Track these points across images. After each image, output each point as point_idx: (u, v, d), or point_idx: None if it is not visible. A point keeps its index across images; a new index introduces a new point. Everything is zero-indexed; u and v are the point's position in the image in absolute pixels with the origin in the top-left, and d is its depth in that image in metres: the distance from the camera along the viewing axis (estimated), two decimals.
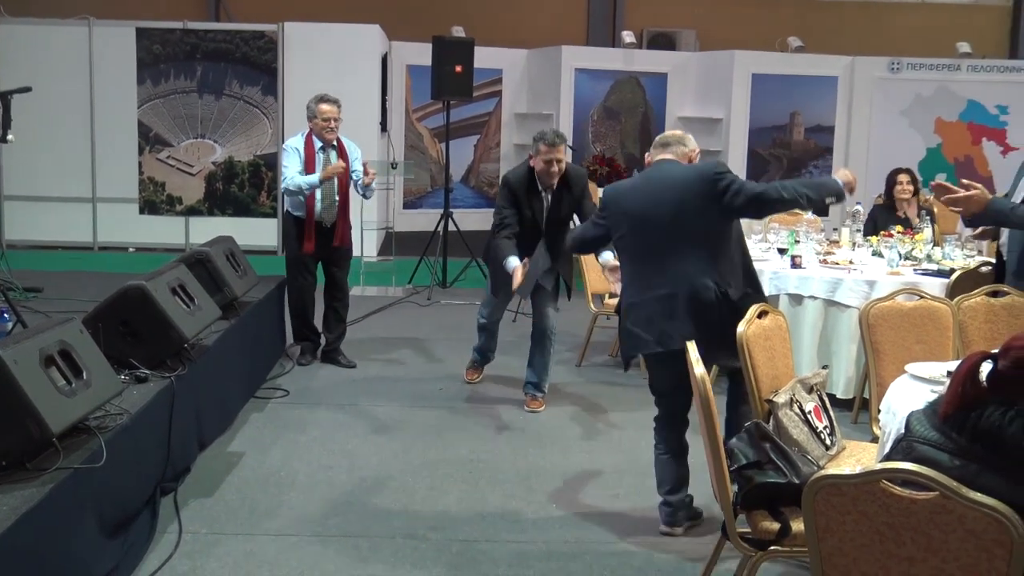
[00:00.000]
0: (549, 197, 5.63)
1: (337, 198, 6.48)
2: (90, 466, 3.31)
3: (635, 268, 4.20)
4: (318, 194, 6.41)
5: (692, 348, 3.26)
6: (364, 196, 6.68)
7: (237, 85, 10.96)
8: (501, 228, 5.52)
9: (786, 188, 4.06)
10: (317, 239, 6.47)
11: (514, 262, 5.33)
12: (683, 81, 12.88)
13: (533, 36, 13.58)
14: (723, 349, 3.74)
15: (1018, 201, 4.47)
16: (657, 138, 4.37)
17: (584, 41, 14.71)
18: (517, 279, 5.25)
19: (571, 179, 5.64)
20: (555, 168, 5.46)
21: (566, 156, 5.61)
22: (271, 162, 10.72)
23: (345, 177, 6.49)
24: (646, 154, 4.33)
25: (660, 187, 4.11)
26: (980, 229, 4.93)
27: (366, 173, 6.44)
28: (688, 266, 4.02)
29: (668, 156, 4.24)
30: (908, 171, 7.91)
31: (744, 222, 4.47)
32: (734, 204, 3.99)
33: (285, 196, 6.58)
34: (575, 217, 5.78)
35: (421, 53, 10.70)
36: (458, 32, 11.73)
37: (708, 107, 12.70)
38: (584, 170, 6.05)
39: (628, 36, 13.27)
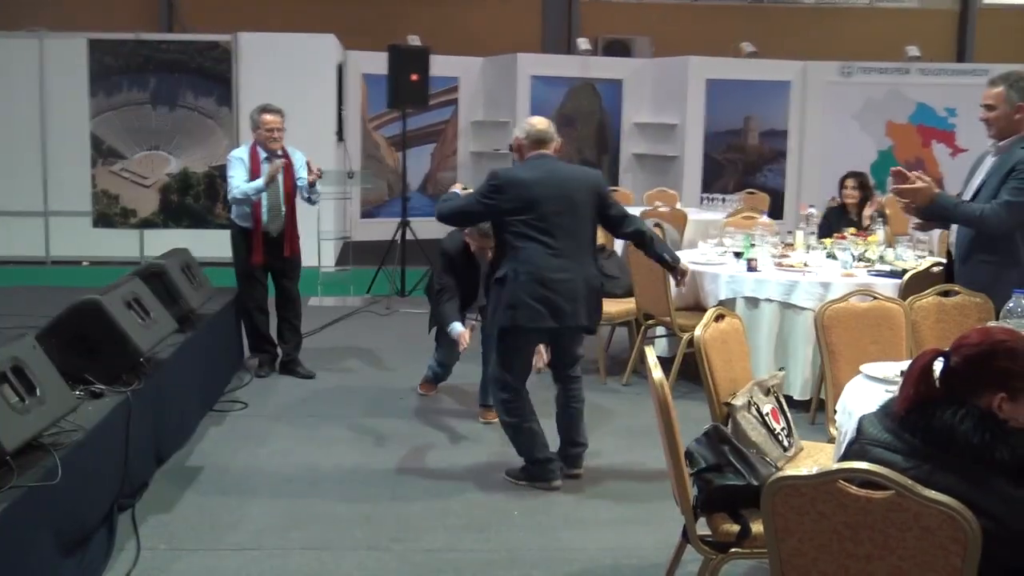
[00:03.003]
0: (486, 264, 5.82)
1: (284, 208, 6.45)
2: (45, 484, 3.26)
3: (536, 247, 4.54)
4: (264, 205, 6.37)
5: (651, 354, 3.28)
6: (310, 201, 6.61)
7: (191, 96, 10.88)
8: (442, 292, 5.74)
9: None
10: (265, 250, 6.44)
11: (458, 328, 5.51)
12: (639, 87, 12.96)
13: (488, 44, 13.60)
14: (586, 332, 4.86)
15: (967, 199, 4.56)
16: (532, 131, 4.71)
17: (539, 48, 14.78)
18: (463, 344, 5.47)
19: None
20: (490, 255, 5.66)
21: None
22: (226, 173, 10.61)
23: (291, 187, 6.46)
24: (518, 141, 4.73)
25: (561, 178, 4.63)
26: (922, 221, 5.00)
27: (310, 172, 6.40)
28: (582, 256, 4.64)
29: (548, 152, 4.71)
30: (856, 175, 8.01)
31: (700, 227, 4.64)
32: (611, 215, 4.75)
33: (232, 207, 6.52)
34: None
35: (377, 62, 10.66)
36: (414, 41, 11.70)
37: (664, 113, 12.79)
38: None
39: (583, 43, 13.34)
